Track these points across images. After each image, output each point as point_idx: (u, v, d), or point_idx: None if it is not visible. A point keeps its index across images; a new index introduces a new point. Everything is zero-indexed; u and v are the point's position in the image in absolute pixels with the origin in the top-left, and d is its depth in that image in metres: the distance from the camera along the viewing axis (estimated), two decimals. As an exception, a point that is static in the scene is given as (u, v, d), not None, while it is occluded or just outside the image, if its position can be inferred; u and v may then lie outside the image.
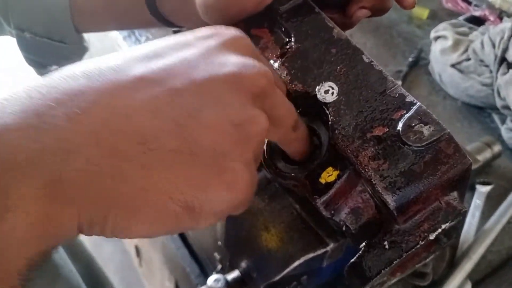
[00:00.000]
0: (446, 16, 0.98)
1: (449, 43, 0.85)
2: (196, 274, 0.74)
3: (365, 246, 0.34)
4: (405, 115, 0.33)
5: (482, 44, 0.81)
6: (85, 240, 0.79)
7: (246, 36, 0.31)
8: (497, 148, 0.73)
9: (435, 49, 0.87)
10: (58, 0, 0.51)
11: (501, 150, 0.74)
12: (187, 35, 0.30)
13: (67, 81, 0.25)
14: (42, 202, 0.22)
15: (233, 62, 0.28)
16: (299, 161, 0.36)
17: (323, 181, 0.35)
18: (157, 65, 0.27)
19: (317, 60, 0.36)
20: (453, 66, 0.84)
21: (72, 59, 0.55)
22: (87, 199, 0.23)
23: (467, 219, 0.66)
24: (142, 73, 0.26)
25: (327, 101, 0.35)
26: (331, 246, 0.42)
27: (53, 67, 0.56)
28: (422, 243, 0.32)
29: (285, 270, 0.43)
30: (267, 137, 0.31)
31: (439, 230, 0.32)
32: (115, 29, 0.84)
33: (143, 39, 0.98)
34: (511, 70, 0.76)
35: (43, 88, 0.24)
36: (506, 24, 0.80)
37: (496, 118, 0.82)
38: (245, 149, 0.27)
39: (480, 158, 0.71)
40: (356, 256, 0.34)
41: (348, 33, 0.40)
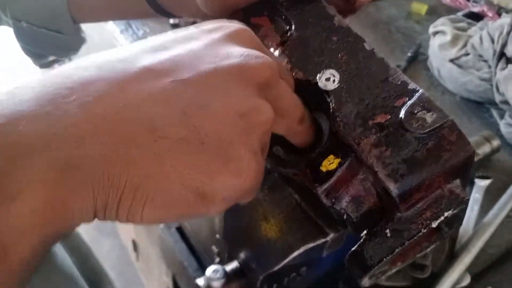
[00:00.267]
0: (445, 12, 0.98)
1: (448, 38, 0.85)
2: (194, 268, 0.73)
3: (367, 235, 0.34)
4: (408, 102, 0.33)
5: (481, 39, 0.81)
6: (83, 235, 0.79)
7: (249, 29, 0.32)
8: (496, 143, 0.73)
9: (434, 44, 0.87)
10: None
11: (500, 145, 0.74)
12: (192, 29, 0.30)
13: (79, 72, 0.25)
14: (52, 188, 0.22)
15: (238, 54, 0.28)
16: (300, 150, 0.36)
17: (324, 169, 0.34)
18: (165, 57, 0.27)
19: (318, 48, 0.36)
20: (452, 61, 0.84)
21: (70, 50, 0.55)
22: (101, 184, 0.24)
23: (466, 213, 0.66)
24: (150, 64, 0.26)
25: (328, 89, 0.34)
26: (331, 236, 0.42)
27: (51, 58, 0.56)
28: (424, 231, 0.32)
29: (285, 260, 0.43)
30: (273, 130, 0.31)
31: (442, 218, 0.32)
32: (112, 19, 0.83)
33: (141, 33, 0.98)
34: (510, 65, 0.76)
35: (56, 78, 0.25)
36: (505, 19, 0.80)
37: (495, 113, 0.82)
38: (251, 138, 0.28)
39: (479, 152, 0.71)
40: (357, 245, 0.34)
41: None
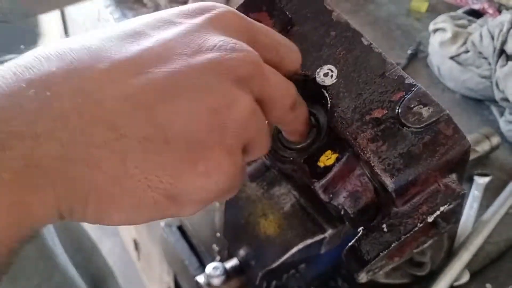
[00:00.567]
0: (445, 9, 0.98)
1: (448, 36, 0.85)
2: (195, 267, 0.73)
3: (364, 230, 0.34)
4: (405, 97, 0.33)
5: (481, 36, 0.81)
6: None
7: (238, 13, 0.29)
8: (496, 140, 0.73)
9: (434, 42, 0.87)
10: None
11: (500, 142, 0.73)
12: (172, 11, 0.28)
13: (41, 62, 0.23)
14: (12, 189, 0.21)
15: (215, 45, 0.26)
16: (298, 145, 0.36)
17: (322, 165, 0.34)
18: (133, 49, 0.25)
19: (316, 43, 0.36)
20: (452, 59, 0.84)
21: (24, 44, 0.51)
22: (64, 186, 0.22)
23: (465, 210, 0.66)
24: (117, 57, 0.25)
25: (326, 84, 0.35)
26: (329, 232, 0.42)
27: (8, 56, 0.54)
28: (421, 226, 0.32)
29: (284, 257, 0.43)
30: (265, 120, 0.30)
31: (438, 212, 0.32)
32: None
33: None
34: (510, 62, 0.76)
35: (18, 68, 0.23)
36: (505, 17, 0.79)
37: (495, 111, 0.82)
38: (224, 136, 0.26)
39: (479, 150, 0.71)
40: (355, 240, 0.34)
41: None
